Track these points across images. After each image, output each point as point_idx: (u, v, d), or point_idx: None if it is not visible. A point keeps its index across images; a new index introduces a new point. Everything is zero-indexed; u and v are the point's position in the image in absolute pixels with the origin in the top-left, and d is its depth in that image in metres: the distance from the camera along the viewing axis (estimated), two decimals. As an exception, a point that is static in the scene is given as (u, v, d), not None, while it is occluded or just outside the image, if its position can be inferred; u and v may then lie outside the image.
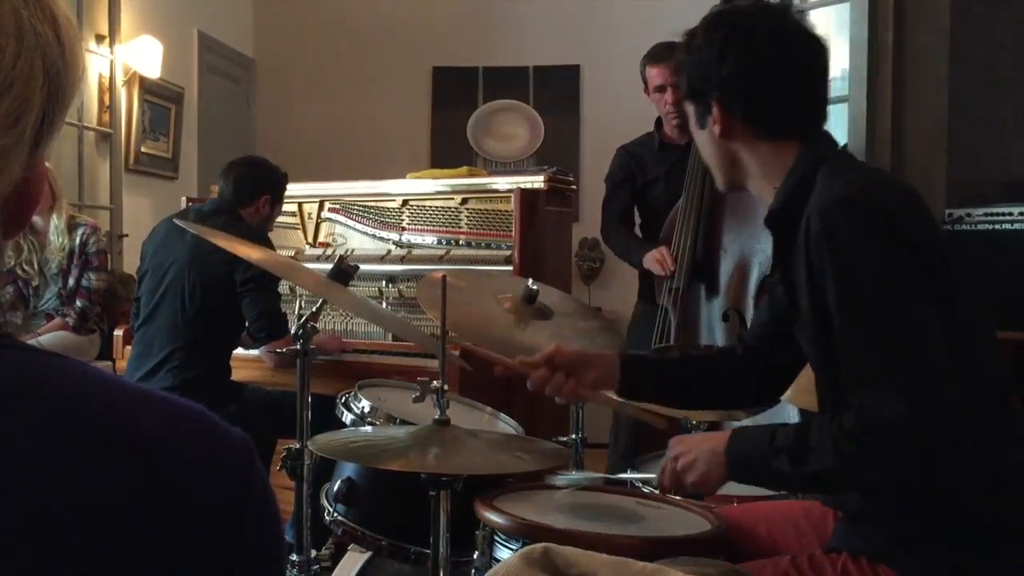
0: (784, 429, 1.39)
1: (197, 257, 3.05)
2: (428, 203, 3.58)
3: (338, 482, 2.02)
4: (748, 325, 2.90)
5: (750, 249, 2.95)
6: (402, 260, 3.52)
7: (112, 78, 4.82)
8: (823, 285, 1.35)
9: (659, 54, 3.34)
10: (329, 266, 2.33)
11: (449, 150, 5.89)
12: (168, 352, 3.04)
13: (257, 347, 3.23)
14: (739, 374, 1.72)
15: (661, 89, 3.33)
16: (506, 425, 2.34)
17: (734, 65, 1.49)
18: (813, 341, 1.43)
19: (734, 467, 1.43)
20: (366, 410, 2.20)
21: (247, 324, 3.14)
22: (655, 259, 3.15)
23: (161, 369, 3.03)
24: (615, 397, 1.77)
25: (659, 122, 3.49)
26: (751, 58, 1.49)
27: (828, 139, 1.55)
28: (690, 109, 1.59)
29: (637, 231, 3.53)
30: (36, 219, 3.63)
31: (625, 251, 3.43)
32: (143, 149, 5.07)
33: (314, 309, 2.25)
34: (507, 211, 3.40)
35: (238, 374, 3.32)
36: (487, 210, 3.48)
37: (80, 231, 3.86)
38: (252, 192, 3.20)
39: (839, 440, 1.32)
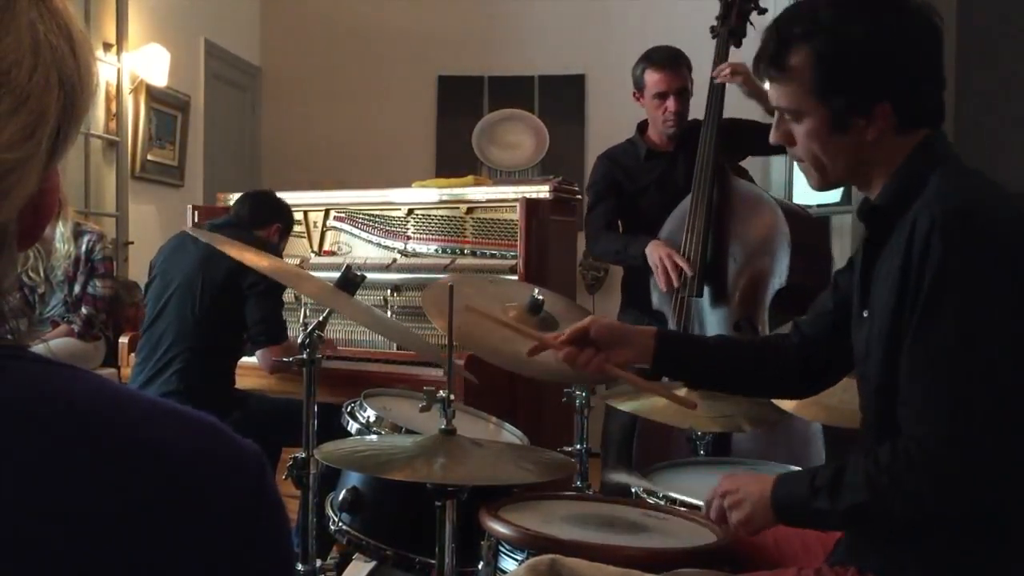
0: (824, 469, 1.39)
1: (207, 261, 3.09)
2: (433, 212, 3.58)
3: (343, 491, 2.02)
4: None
5: (761, 259, 2.92)
6: (407, 269, 3.52)
7: (119, 86, 4.84)
8: (916, 287, 1.29)
9: (664, 60, 3.26)
10: (335, 274, 2.33)
11: (454, 159, 5.90)
12: (173, 354, 3.06)
13: (254, 351, 3.24)
14: (790, 363, 1.67)
15: (662, 96, 3.25)
16: (511, 435, 2.34)
17: (912, 56, 1.37)
18: (884, 343, 1.36)
19: (780, 510, 1.42)
20: (372, 419, 2.20)
21: (247, 326, 3.14)
22: (663, 262, 3.00)
23: (166, 371, 3.04)
24: (639, 379, 1.74)
25: (642, 127, 3.41)
26: (925, 51, 1.38)
27: (945, 138, 1.45)
28: (814, 110, 1.40)
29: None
30: (43, 226, 3.64)
31: (622, 249, 3.27)
32: (149, 157, 5.09)
33: (320, 318, 2.25)
34: (512, 220, 3.40)
35: (245, 382, 3.32)
36: (492, 219, 3.48)
37: (86, 238, 3.87)
38: (267, 218, 3.32)
39: (872, 475, 1.31)
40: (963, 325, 1.27)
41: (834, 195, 4.20)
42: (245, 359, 3.30)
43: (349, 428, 2.22)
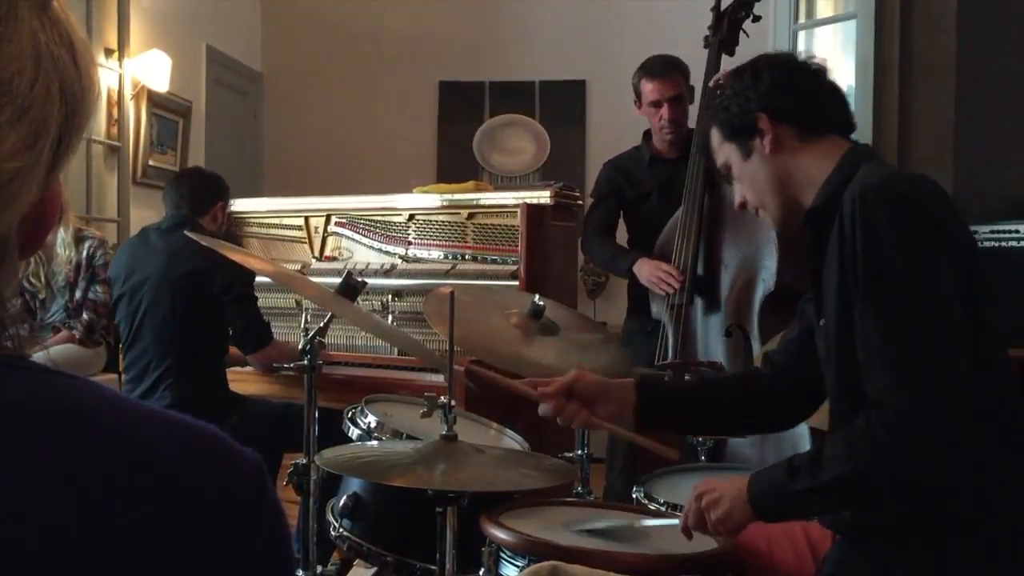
0: (801, 454, 1.40)
1: (170, 271, 3.04)
2: (434, 217, 3.58)
3: (344, 497, 2.02)
4: (752, 341, 2.89)
5: (752, 265, 2.93)
6: (408, 274, 3.52)
7: (121, 91, 4.85)
8: (852, 265, 1.35)
9: (657, 69, 3.32)
10: (336, 280, 2.33)
11: (455, 164, 5.90)
12: (161, 371, 3.04)
13: (245, 359, 3.23)
14: (766, 396, 1.71)
15: (657, 104, 3.30)
16: (512, 441, 2.34)
17: (771, 79, 1.57)
18: (836, 337, 1.42)
19: (757, 502, 1.42)
20: (372, 425, 2.20)
21: (232, 334, 3.14)
22: (656, 277, 3.08)
23: (157, 388, 3.02)
24: (623, 431, 1.75)
25: (647, 135, 3.45)
26: (784, 70, 1.59)
27: (870, 148, 1.61)
28: (731, 152, 1.62)
29: (624, 245, 3.49)
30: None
31: (610, 258, 3.37)
32: (151, 162, 5.09)
33: (321, 324, 2.25)
34: (513, 226, 3.40)
35: (247, 388, 3.32)
36: (493, 225, 3.48)
37: (87, 244, 3.87)
38: (210, 200, 3.25)
39: (851, 441, 1.32)
40: (905, 286, 1.31)
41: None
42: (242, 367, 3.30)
43: (350, 434, 2.22)
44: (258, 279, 3.62)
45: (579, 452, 2.24)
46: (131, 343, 3.12)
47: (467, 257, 3.52)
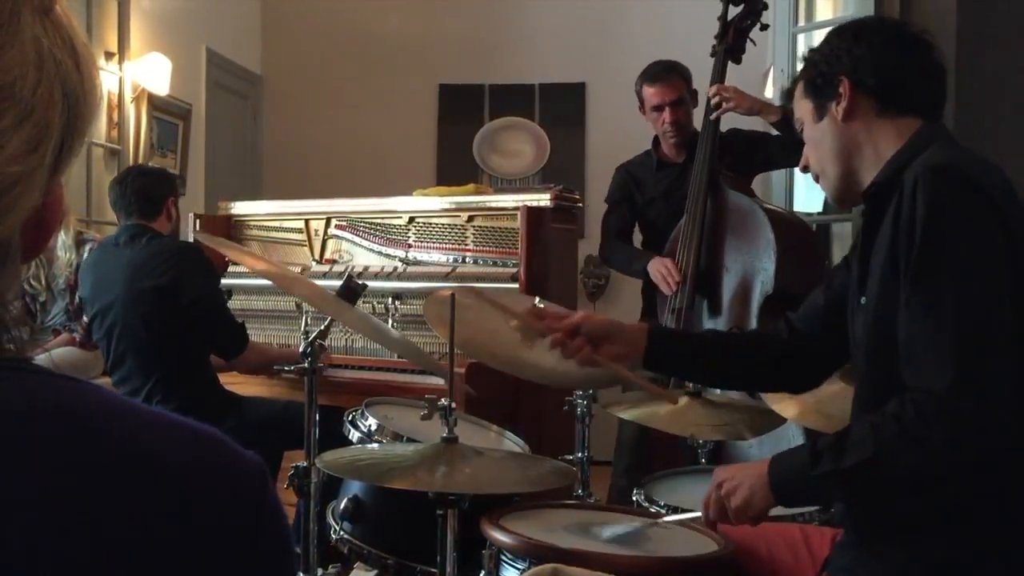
0: (825, 436, 1.37)
1: (135, 288, 3.00)
2: (434, 220, 3.59)
3: (345, 500, 2.02)
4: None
5: (751, 268, 2.96)
6: (408, 277, 3.52)
7: (121, 95, 4.85)
8: (907, 244, 1.31)
9: (656, 74, 3.36)
10: (336, 283, 2.34)
11: (455, 167, 5.91)
12: (148, 390, 3.02)
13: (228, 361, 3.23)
14: (780, 356, 1.69)
15: (659, 108, 3.36)
16: (512, 443, 2.34)
17: (868, 45, 1.51)
18: (873, 317, 1.38)
19: (778, 486, 1.39)
20: (373, 428, 2.20)
21: (211, 343, 3.12)
22: (660, 272, 3.13)
23: (150, 405, 3.01)
24: (628, 371, 1.72)
25: (656, 140, 3.50)
26: (884, 41, 1.52)
27: (945, 129, 1.53)
28: (806, 110, 1.57)
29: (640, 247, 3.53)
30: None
31: (626, 262, 3.44)
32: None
33: (322, 327, 2.25)
34: (513, 228, 3.41)
35: (247, 390, 3.31)
36: (493, 227, 3.48)
37: (88, 246, 3.87)
38: (160, 200, 3.16)
39: (879, 425, 1.29)
40: (959, 271, 1.28)
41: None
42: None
43: (351, 437, 2.22)
44: (257, 281, 3.64)
45: (579, 454, 2.25)
46: (113, 367, 3.10)
47: (467, 260, 3.52)
